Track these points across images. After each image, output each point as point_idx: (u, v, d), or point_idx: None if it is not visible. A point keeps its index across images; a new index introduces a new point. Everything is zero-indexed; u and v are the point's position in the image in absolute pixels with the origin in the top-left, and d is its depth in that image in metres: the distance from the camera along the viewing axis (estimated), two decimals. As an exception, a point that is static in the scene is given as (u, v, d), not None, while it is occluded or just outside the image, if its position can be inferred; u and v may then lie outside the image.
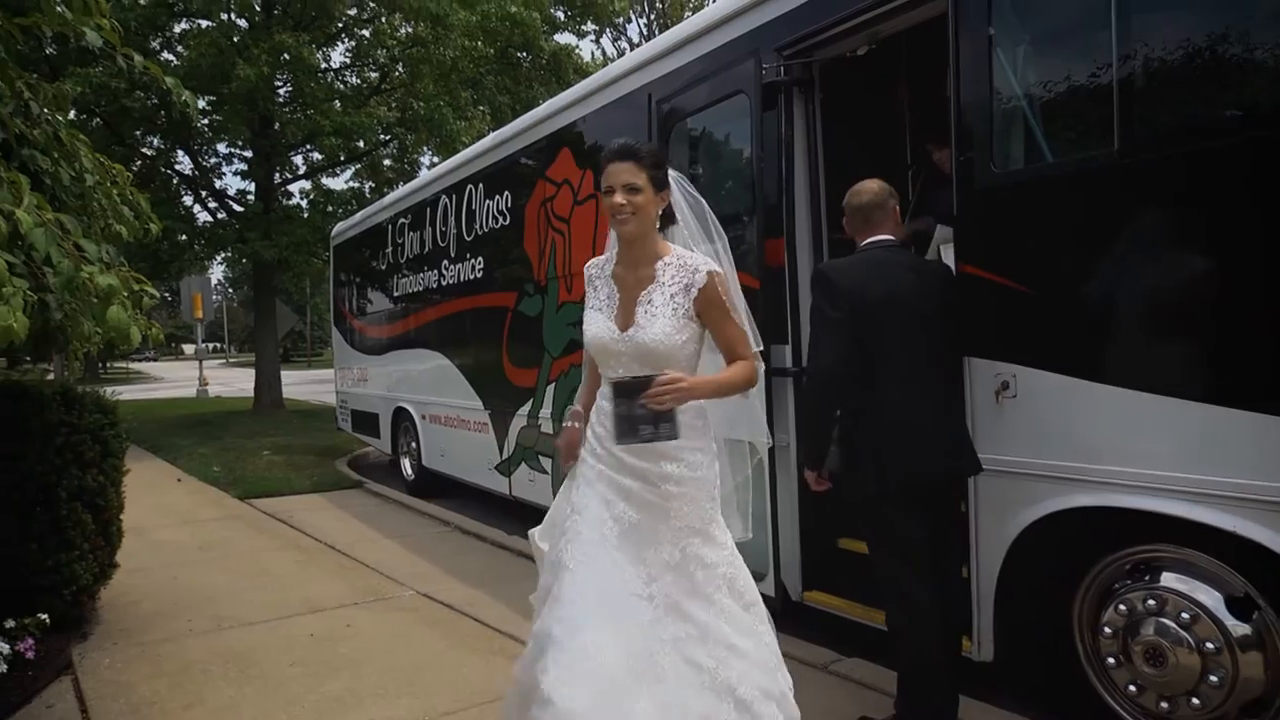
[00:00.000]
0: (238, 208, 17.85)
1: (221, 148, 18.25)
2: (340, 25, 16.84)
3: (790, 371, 3.97)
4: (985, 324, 3.11)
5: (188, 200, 17.92)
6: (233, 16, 15.44)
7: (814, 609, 4.04)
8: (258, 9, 15.15)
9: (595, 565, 2.27)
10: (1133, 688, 2.84)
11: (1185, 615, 2.69)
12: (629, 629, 2.20)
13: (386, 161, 18.27)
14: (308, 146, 17.53)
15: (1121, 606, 2.84)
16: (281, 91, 16.42)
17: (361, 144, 17.07)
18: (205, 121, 16.76)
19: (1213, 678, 2.64)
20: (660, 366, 2.33)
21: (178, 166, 17.94)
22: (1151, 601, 2.77)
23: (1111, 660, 2.89)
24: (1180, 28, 2.58)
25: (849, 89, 4.26)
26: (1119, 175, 2.72)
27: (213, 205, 18.03)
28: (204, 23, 15.73)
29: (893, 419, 2.88)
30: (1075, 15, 2.87)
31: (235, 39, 14.88)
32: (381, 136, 17.27)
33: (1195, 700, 2.69)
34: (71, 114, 13.77)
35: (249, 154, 17.61)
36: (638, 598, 2.25)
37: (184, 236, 16.75)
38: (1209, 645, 2.64)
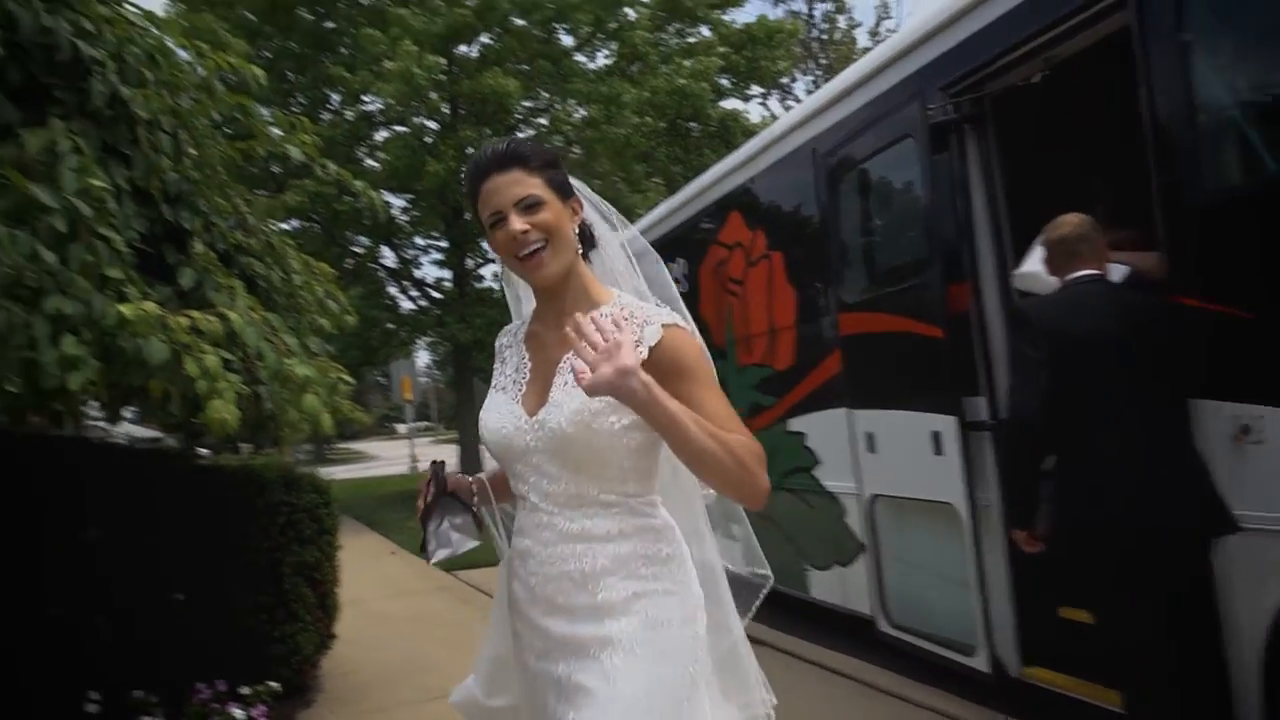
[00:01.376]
0: (436, 294, 19.27)
1: (419, 240, 19.85)
2: (518, 117, 18.01)
3: (987, 425, 3.68)
4: (1212, 361, 2.75)
5: (393, 290, 19.57)
6: (423, 120, 16.91)
7: (1035, 686, 3.65)
8: (445, 111, 16.52)
9: None
10: None
11: None
12: None
13: (569, 240, 19.10)
14: (495, 231, 18.67)
15: None
16: (468, 183, 17.69)
17: (545, 225, 17.97)
18: (404, 218, 18.32)
19: None
20: (588, 468, 1.56)
21: (383, 261, 19.65)
22: None
23: None
24: None
25: (1027, 119, 4.00)
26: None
27: (414, 294, 19.57)
28: (400, 129, 17.34)
29: (1111, 468, 2.59)
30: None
31: (426, 139, 16.27)
32: (563, 216, 18.11)
33: None
34: (294, 221, 15.54)
35: (444, 244, 19.03)
36: None
37: (391, 324, 18.23)
38: None
